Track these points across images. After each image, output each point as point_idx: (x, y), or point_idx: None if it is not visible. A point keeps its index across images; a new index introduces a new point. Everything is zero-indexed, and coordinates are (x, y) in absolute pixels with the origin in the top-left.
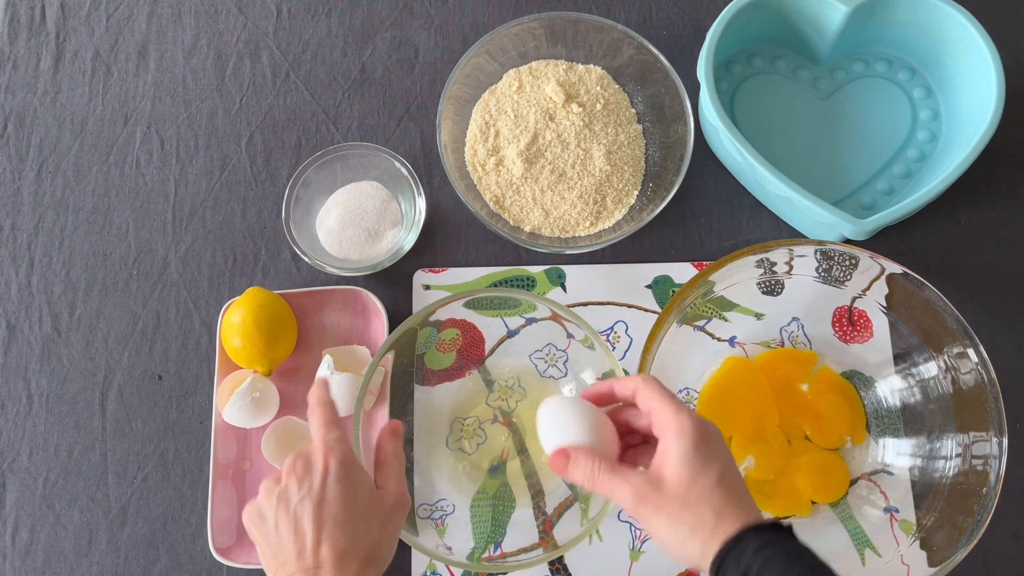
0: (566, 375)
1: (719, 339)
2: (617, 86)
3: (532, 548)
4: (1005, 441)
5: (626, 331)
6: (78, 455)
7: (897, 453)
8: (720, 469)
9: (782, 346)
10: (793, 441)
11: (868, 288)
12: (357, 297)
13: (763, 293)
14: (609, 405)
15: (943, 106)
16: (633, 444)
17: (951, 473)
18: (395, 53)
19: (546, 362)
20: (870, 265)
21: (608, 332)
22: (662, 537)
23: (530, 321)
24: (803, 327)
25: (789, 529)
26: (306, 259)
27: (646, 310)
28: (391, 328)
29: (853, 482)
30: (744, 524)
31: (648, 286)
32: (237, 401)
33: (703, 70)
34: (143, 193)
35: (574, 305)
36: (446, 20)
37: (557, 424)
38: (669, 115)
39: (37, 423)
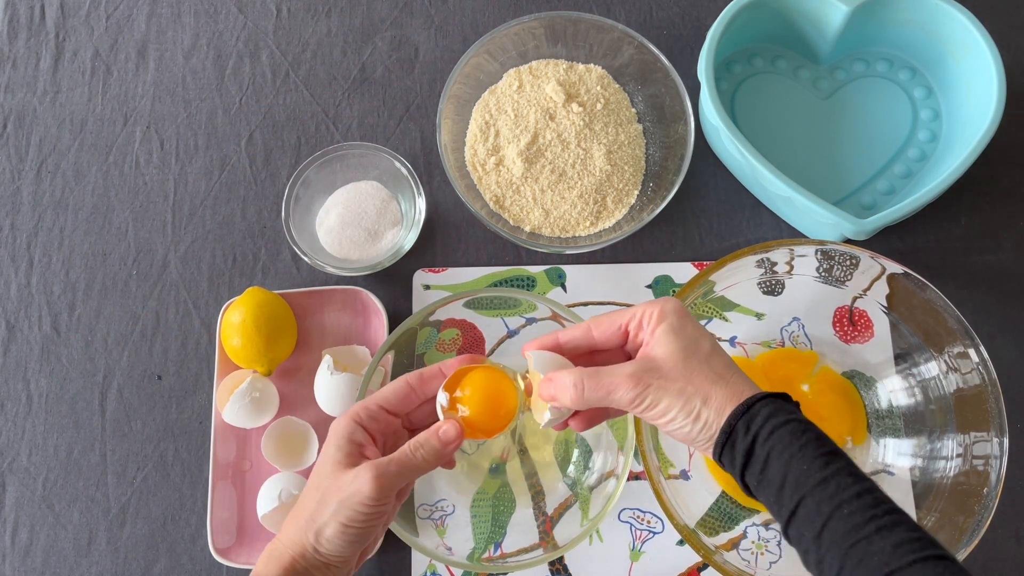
0: None
1: (719, 339)
2: (617, 86)
3: (532, 548)
4: (1006, 441)
5: None
6: (78, 455)
7: (898, 453)
8: (710, 339)
9: (783, 346)
10: None
11: (869, 288)
12: (357, 297)
13: (763, 293)
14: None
15: (944, 106)
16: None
17: (952, 473)
18: (395, 53)
19: None
20: (871, 265)
21: None
22: (674, 416)
23: (530, 321)
24: (804, 327)
25: (796, 404)
26: (306, 259)
27: None
28: (391, 328)
29: None
30: (752, 392)
31: (648, 286)
32: (237, 401)
33: (703, 70)
34: (143, 193)
35: (574, 305)
36: (446, 20)
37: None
38: (669, 115)
39: (37, 423)
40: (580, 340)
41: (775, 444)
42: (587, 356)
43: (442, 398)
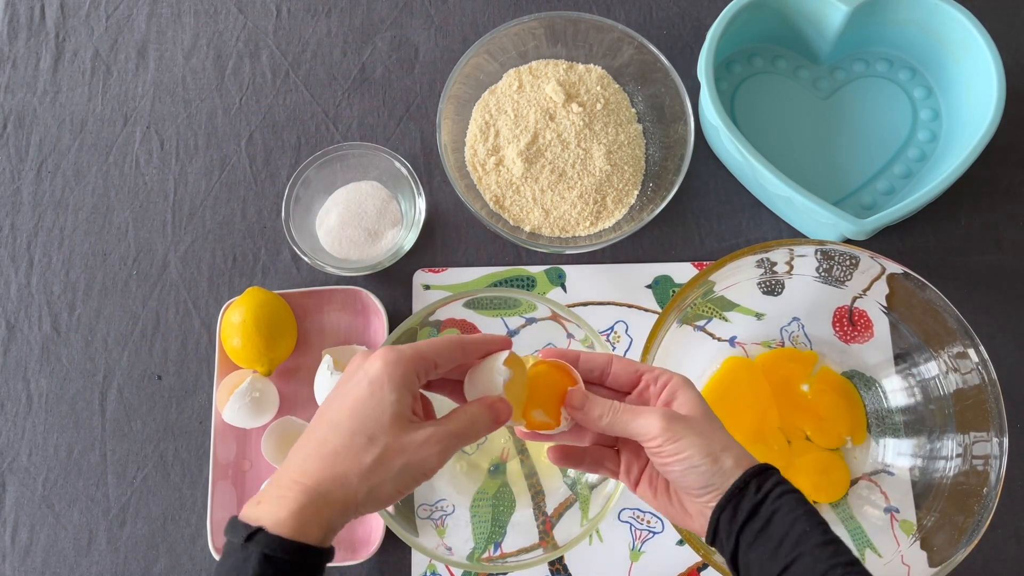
0: None
1: (719, 339)
2: (617, 86)
3: (532, 548)
4: (1005, 441)
5: (626, 331)
6: (78, 455)
7: (897, 453)
8: (719, 419)
9: (782, 346)
10: (794, 441)
11: (869, 288)
12: (357, 297)
13: (763, 293)
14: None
15: (943, 106)
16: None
17: (951, 473)
18: (395, 53)
19: None
20: (870, 265)
21: (608, 332)
22: (693, 458)
23: (530, 321)
24: (803, 327)
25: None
26: (306, 259)
27: (646, 310)
28: (391, 328)
29: (854, 482)
30: (754, 463)
31: (648, 286)
32: (237, 401)
33: (703, 70)
34: (143, 193)
35: (574, 305)
36: (446, 20)
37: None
38: (669, 115)
39: (37, 423)
40: (597, 365)
41: (782, 505)
42: (590, 384)
43: (499, 372)
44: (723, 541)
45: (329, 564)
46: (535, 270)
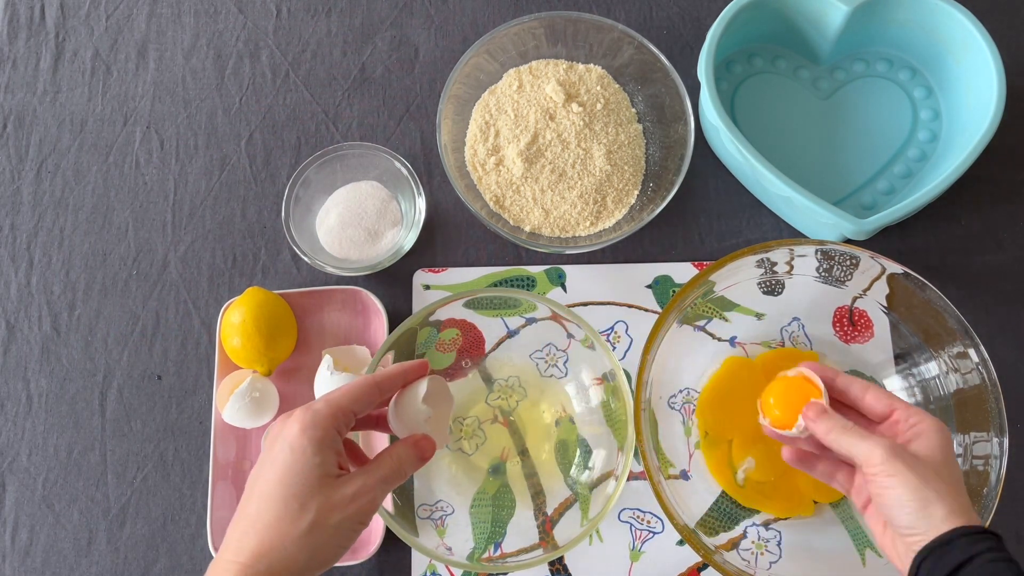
0: (566, 375)
1: (719, 339)
2: (617, 86)
3: (532, 548)
4: (1006, 441)
5: (626, 331)
6: (77, 455)
7: None
8: (961, 474)
9: (783, 346)
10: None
11: (869, 288)
12: (357, 297)
13: (763, 293)
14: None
15: (943, 106)
16: None
17: None
18: (395, 53)
19: (546, 362)
20: (871, 265)
21: (608, 332)
22: (902, 496)
23: (530, 321)
24: (804, 327)
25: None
26: (306, 259)
27: (646, 310)
28: (391, 328)
29: None
30: (982, 524)
31: (648, 286)
32: (237, 401)
33: (703, 70)
34: (143, 193)
35: (574, 305)
36: (446, 20)
37: (788, 396)
38: (669, 115)
39: (37, 423)
40: (853, 392)
41: (990, 573)
42: (844, 407)
43: (422, 408)
44: None
45: None
46: (535, 270)
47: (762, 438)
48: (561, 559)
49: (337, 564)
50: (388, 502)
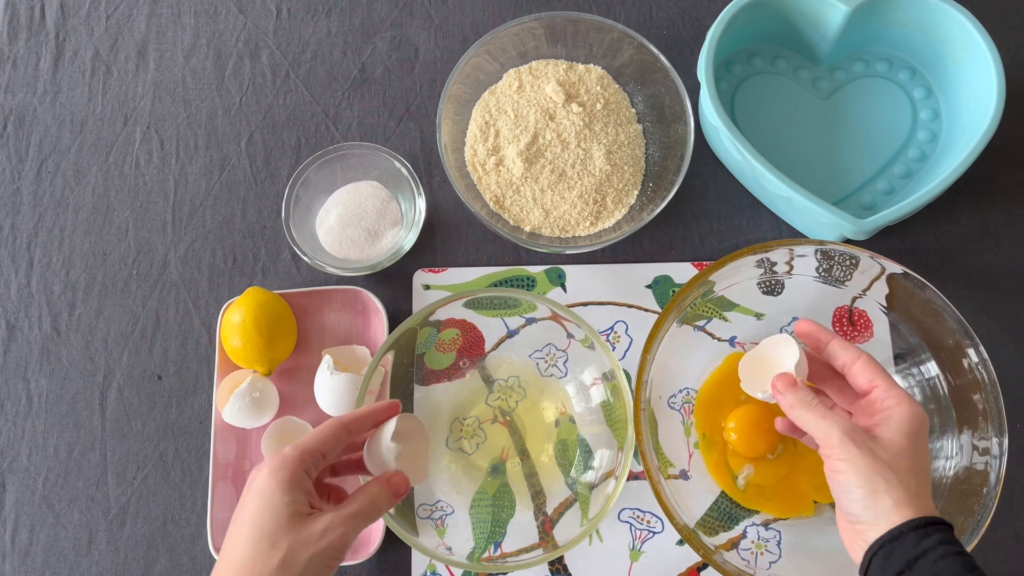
0: (566, 375)
1: (719, 339)
2: (617, 86)
3: (532, 548)
4: (1005, 441)
5: (626, 331)
6: (78, 455)
7: None
8: (928, 463)
9: None
10: (797, 443)
11: (868, 288)
12: (357, 297)
13: (763, 293)
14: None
15: (943, 106)
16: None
17: (951, 473)
18: (395, 53)
19: (546, 362)
20: (870, 265)
21: (608, 332)
22: (852, 482)
23: (530, 321)
24: None
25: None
26: (306, 259)
27: (646, 310)
28: (391, 328)
29: None
30: (936, 515)
31: (648, 286)
32: (237, 401)
33: (703, 70)
34: (143, 193)
35: (574, 305)
36: (446, 20)
37: (759, 365)
38: (669, 115)
39: (37, 423)
40: (844, 359)
41: (942, 570)
42: (827, 379)
43: (387, 448)
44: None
45: None
46: (535, 270)
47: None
48: (561, 559)
49: None
50: None
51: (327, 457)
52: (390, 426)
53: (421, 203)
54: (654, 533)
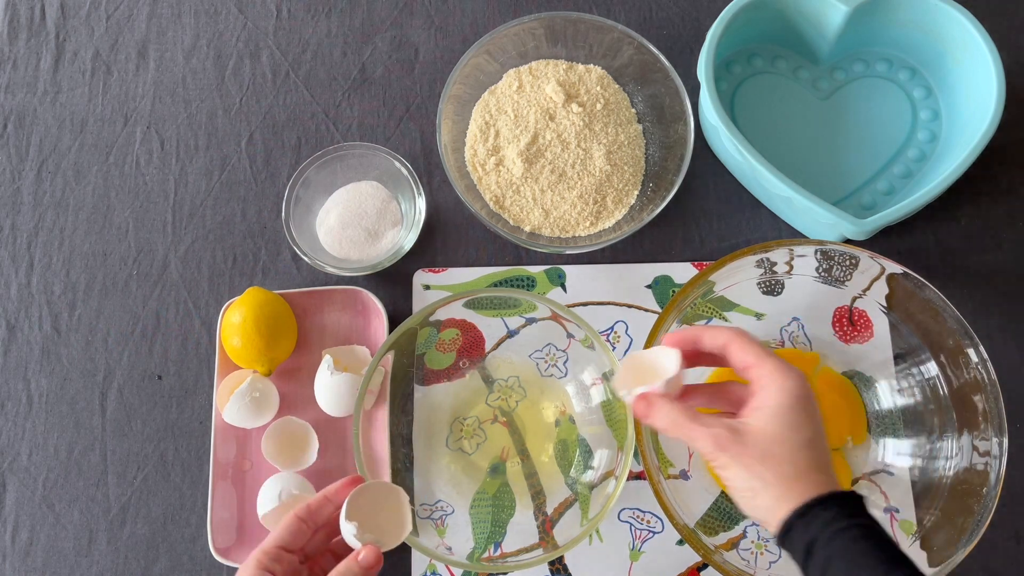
0: (566, 375)
1: None
2: (617, 86)
3: (532, 548)
4: (1005, 441)
5: (626, 331)
6: (78, 455)
7: (897, 453)
8: (812, 432)
9: (782, 346)
10: None
11: (868, 288)
12: (357, 297)
13: (763, 293)
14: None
15: (943, 106)
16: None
17: (951, 473)
18: (395, 53)
19: (546, 362)
20: (870, 265)
21: (608, 332)
22: (735, 487)
23: (530, 321)
24: (803, 327)
25: (861, 501)
26: (306, 259)
27: (646, 310)
28: (391, 328)
29: (854, 482)
30: (819, 492)
31: (648, 286)
32: (237, 401)
33: (703, 70)
34: (143, 193)
35: (574, 305)
36: (446, 20)
37: (636, 371)
38: (669, 115)
39: (37, 423)
40: (717, 344)
41: (835, 551)
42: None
43: (347, 527)
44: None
45: None
46: (535, 270)
47: None
48: (561, 559)
49: None
50: None
51: (291, 547)
52: (345, 506)
53: (421, 203)
54: (654, 533)
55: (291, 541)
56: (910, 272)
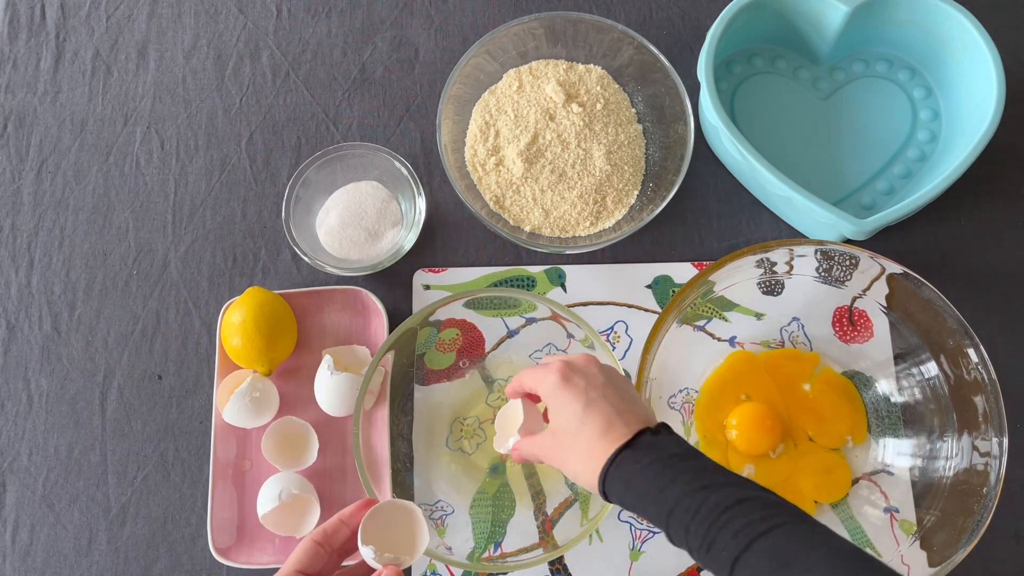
0: None
1: (719, 339)
2: (617, 86)
3: (532, 548)
4: (1005, 441)
5: (626, 331)
6: (78, 455)
7: (897, 453)
8: (584, 400)
9: (782, 346)
10: (799, 443)
11: (868, 288)
12: (357, 297)
13: (763, 293)
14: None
15: (943, 106)
16: None
17: (951, 473)
18: (395, 53)
19: None
20: (870, 265)
21: (608, 332)
22: (573, 472)
23: (530, 321)
24: (803, 327)
25: (645, 433)
26: (306, 259)
27: (646, 310)
28: (391, 328)
29: (854, 482)
30: (622, 441)
31: (648, 286)
32: (237, 401)
33: (703, 70)
34: (143, 193)
35: (574, 305)
36: (446, 20)
37: (505, 423)
38: (669, 115)
39: (37, 423)
40: (528, 387)
41: (636, 496)
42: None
43: (365, 552)
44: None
45: None
46: (535, 270)
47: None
48: (561, 559)
49: None
50: None
51: (310, 571)
52: (360, 532)
53: (421, 203)
54: (654, 533)
55: (309, 564)
56: (910, 272)
